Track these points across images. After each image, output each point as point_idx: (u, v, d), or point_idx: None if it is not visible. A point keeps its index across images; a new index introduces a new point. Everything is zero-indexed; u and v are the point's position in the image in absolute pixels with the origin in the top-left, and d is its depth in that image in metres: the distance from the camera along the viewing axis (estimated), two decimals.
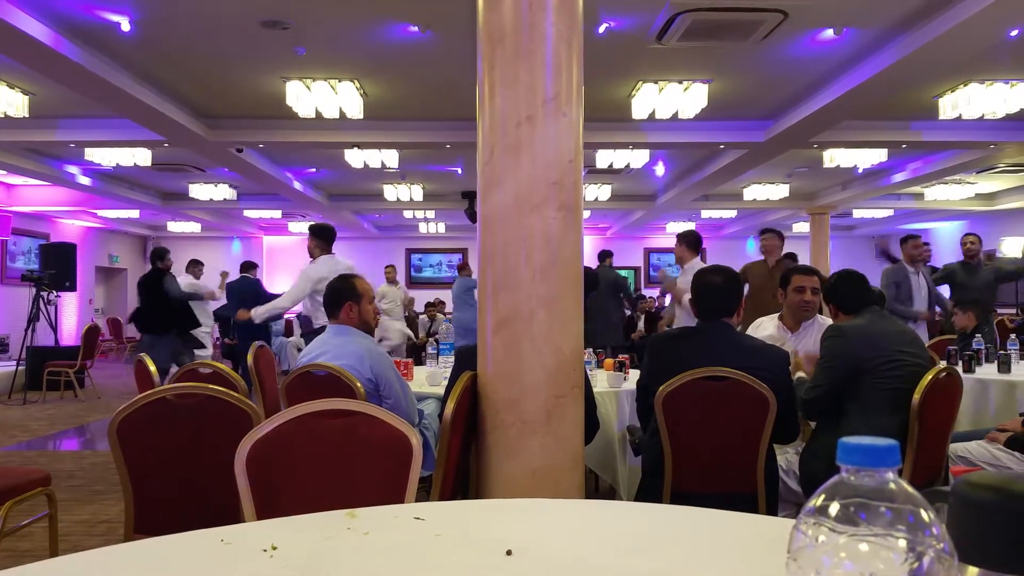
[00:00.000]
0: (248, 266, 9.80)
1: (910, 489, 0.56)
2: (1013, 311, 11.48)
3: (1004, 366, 4.69)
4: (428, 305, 13.39)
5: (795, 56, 6.31)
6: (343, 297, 3.39)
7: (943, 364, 3.07)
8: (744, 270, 6.36)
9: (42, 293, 10.17)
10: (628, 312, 10.66)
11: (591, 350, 4.33)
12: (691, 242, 5.93)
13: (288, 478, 1.76)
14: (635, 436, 3.47)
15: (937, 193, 12.69)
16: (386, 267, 11.58)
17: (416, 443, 1.73)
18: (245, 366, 5.00)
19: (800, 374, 3.32)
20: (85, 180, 11.22)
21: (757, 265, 6.56)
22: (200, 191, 12.40)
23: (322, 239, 5.59)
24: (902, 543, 0.54)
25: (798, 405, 3.08)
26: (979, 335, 5.35)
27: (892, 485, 0.56)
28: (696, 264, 5.77)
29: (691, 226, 17.87)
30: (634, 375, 4.02)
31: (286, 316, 11.81)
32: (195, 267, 9.71)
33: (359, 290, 3.42)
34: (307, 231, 5.78)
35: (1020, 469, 3.25)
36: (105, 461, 5.73)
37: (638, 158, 9.56)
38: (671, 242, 6.92)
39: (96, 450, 6.48)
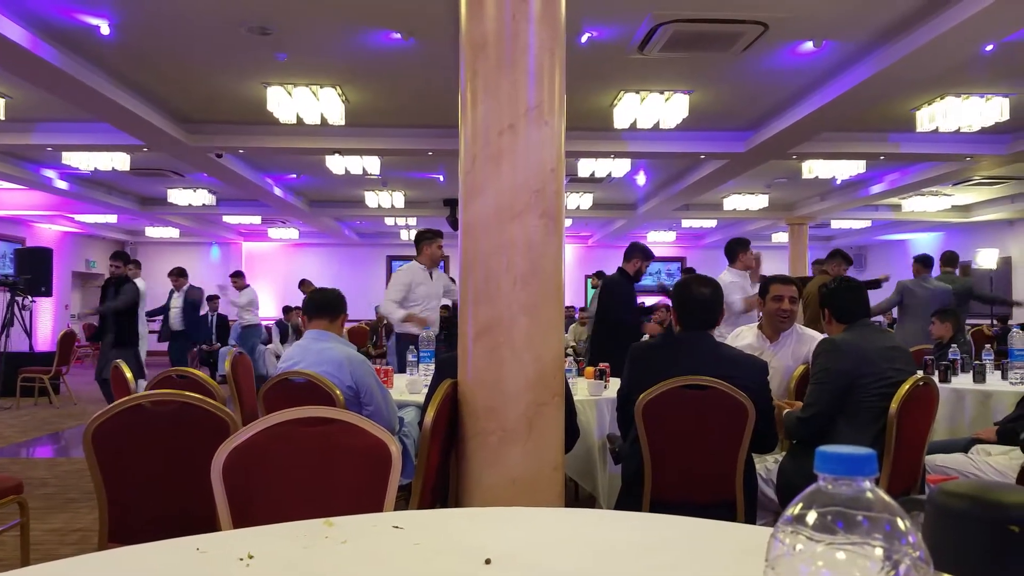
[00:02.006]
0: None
1: (887, 498, 0.56)
2: (988, 321, 11.62)
3: (979, 376, 4.75)
4: None
5: (775, 68, 6.37)
6: (343, 307, 3.52)
7: (920, 374, 3.10)
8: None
9: (17, 298, 10.01)
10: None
11: (571, 358, 4.33)
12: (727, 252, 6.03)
13: (265, 486, 1.74)
14: (615, 444, 3.47)
15: (914, 204, 12.84)
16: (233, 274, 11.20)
17: (395, 451, 1.72)
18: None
19: (787, 411, 3.26)
20: (62, 184, 11.08)
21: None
22: (179, 196, 12.27)
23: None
24: (879, 551, 0.54)
25: (790, 428, 3.08)
26: (955, 345, 5.41)
27: (869, 494, 0.56)
28: (726, 274, 5.67)
29: (672, 236, 17.98)
30: (614, 383, 4.02)
31: (264, 324, 11.73)
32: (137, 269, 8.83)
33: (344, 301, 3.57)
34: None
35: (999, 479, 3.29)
36: (79, 469, 5.65)
37: (619, 167, 9.61)
38: (654, 251, 6.94)
39: (70, 457, 6.39)
